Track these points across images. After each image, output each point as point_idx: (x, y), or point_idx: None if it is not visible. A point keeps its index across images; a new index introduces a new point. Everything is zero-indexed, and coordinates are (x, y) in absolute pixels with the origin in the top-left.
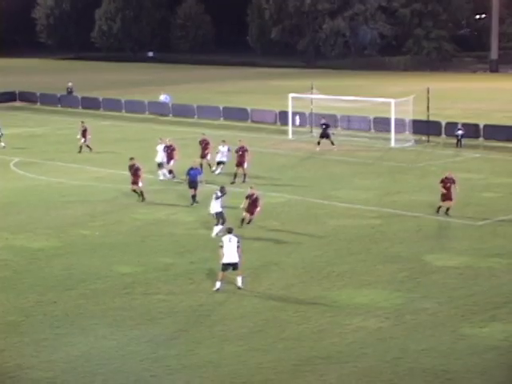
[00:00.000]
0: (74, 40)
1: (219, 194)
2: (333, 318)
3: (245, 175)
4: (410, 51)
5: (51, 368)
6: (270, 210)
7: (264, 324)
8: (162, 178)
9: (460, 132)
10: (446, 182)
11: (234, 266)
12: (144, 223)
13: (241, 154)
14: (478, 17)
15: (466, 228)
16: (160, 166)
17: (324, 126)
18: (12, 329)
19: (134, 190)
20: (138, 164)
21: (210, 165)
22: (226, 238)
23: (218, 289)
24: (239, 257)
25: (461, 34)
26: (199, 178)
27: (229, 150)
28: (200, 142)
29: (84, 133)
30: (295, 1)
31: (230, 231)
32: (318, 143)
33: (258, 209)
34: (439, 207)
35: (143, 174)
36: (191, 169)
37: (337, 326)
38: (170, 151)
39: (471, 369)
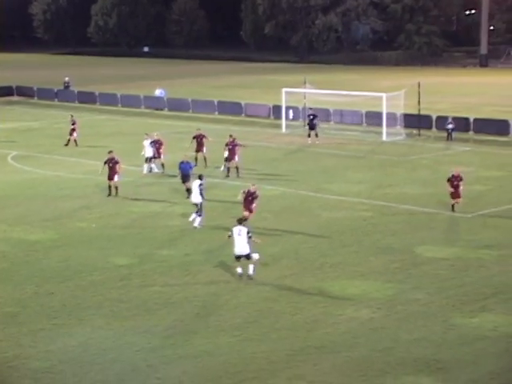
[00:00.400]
0: (71, 35)
1: (199, 182)
2: (326, 308)
3: (238, 169)
4: (402, 46)
5: (48, 358)
6: (263, 203)
7: (258, 314)
8: (145, 171)
9: (450, 126)
10: (453, 181)
11: (247, 256)
12: (140, 216)
13: (231, 149)
14: (467, 12)
15: (456, 220)
16: (148, 160)
17: (311, 117)
18: (10, 319)
19: (110, 185)
20: (117, 157)
21: (205, 159)
22: (235, 230)
23: (240, 274)
24: (250, 247)
25: (451, 30)
26: (191, 171)
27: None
28: (195, 136)
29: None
30: None
31: (240, 222)
32: (309, 135)
33: (254, 205)
34: (452, 205)
35: (121, 169)
36: (182, 162)
37: (330, 316)
38: (158, 145)
39: (462, 358)
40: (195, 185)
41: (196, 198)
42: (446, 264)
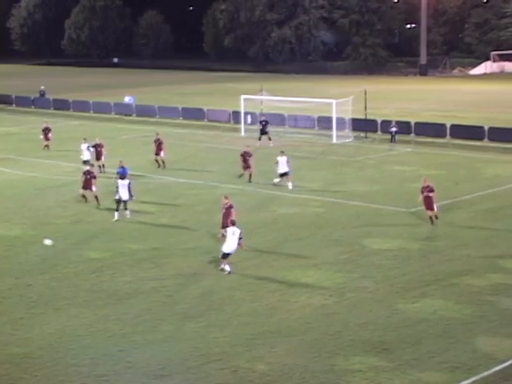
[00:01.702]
0: (46, 47)
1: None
2: (282, 296)
3: (163, 162)
4: (349, 57)
5: (27, 344)
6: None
7: (221, 302)
8: None
9: (394, 129)
10: (423, 191)
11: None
12: (111, 213)
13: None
14: (408, 26)
15: (399, 214)
16: (85, 163)
17: (264, 123)
18: None
19: (83, 196)
20: (95, 173)
21: (163, 162)
22: (230, 230)
23: (229, 272)
24: (237, 247)
25: (394, 42)
26: (128, 175)
27: (287, 161)
28: (154, 140)
29: (46, 131)
30: (246, 11)
31: (233, 223)
32: (259, 139)
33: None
34: (430, 217)
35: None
36: (120, 167)
37: (286, 303)
38: (99, 149)
39: (404, 339)
40: (124, 183)
41: (124, 195)
42: (390, 255)
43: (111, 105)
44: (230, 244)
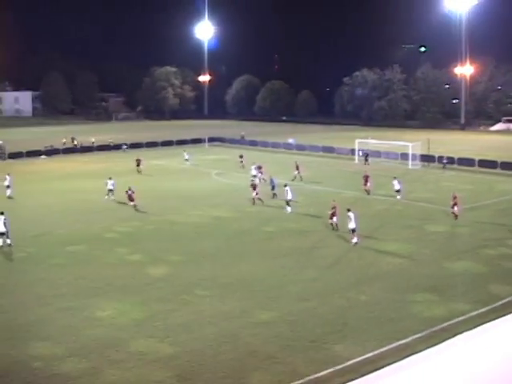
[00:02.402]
0: (245, 110)
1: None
2: (376, 257)
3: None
4: (419, 118)
5: (230, 277)
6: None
7: (338, 259)
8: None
9: (445, 161)
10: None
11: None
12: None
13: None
14: (454, 101)
15: (447, 211)
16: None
17: (365, 155)
18: (211, 257)
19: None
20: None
21: (301, 177)
22: (350, 214)
23: (356, 243)
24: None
25: (445, 110)
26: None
27: (399, 182)
28: (296, 166)
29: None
30: (360, 90)
31: (348, 210)
32: (364, 164)
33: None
34: (453, 213)
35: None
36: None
37: (378, 261)
38: (259, 170)
39: (448, 284)
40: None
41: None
42: (440, 234)
43: (281, 143)
44: (352, 223)
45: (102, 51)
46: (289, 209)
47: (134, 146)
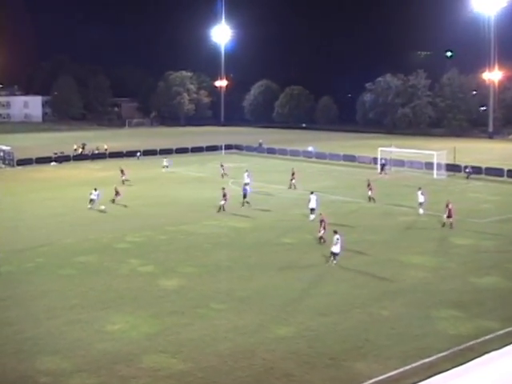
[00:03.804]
0: (264, 117)
1: None
2: (398, 270)
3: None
4: (445, 126)
5: (246, 291)
6: (362, 213)
7: (360, 270)
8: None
9: (468, 170)
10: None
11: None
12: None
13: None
14: (482, 108)
15: (473, 223)
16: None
17: (382, 164)
18: (227, 269)
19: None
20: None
21: (295, 186)
22: (335, 236)
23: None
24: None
25: (473, 117)
26: (246, 192)
27: (422, 193)
28: (292, 173)
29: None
30: (383, 97)
31: (335, 232)
32: (380, 173)
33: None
34: (444, 223)
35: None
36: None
37: (400, 274)
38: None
39: (474, 300)
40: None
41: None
42: (466, 248)
43: (300, 151)
44: (336, 246)
45: (115, 55)
46: (312, 216)
47: (148, 153)
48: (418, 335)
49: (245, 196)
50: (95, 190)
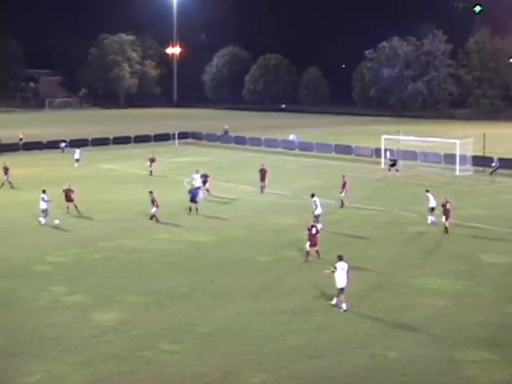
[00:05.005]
0: (230, 96)
1: None
2: (412, 298)
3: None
4: (471, 106)
5: (210, 326)
6: (366, 218)
7: (360, 300)
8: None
9: (494, 164)
10: (445, 204)
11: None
12: (282, 227)
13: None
14: None
15: (510, 235)
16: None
17: (393, 161)
18: (183, 298)
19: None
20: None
21: (263, 187)
22: (339, 265)
23: (335, 304)
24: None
25: (509, 94)
26: (198, 197)
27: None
28: (259, 170)
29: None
30: (387, 69)
31: (341, 258)
32: (389, 170)
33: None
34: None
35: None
36: (192, 189)
37: (414, 304)
38: (205, 178)
39: None
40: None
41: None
42: (502, 267)
43: (279, 141)
44: (340, 279)
45: (30, 12)
46: (319, 226)
47: (76, 143)
48: None
49: (193, 199)
50: (44, 192)
